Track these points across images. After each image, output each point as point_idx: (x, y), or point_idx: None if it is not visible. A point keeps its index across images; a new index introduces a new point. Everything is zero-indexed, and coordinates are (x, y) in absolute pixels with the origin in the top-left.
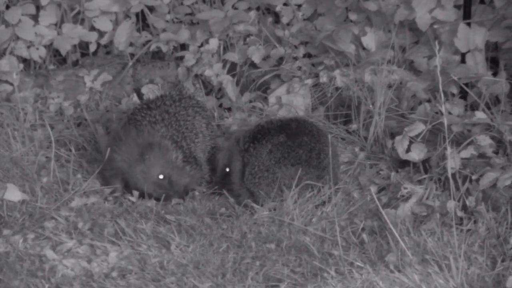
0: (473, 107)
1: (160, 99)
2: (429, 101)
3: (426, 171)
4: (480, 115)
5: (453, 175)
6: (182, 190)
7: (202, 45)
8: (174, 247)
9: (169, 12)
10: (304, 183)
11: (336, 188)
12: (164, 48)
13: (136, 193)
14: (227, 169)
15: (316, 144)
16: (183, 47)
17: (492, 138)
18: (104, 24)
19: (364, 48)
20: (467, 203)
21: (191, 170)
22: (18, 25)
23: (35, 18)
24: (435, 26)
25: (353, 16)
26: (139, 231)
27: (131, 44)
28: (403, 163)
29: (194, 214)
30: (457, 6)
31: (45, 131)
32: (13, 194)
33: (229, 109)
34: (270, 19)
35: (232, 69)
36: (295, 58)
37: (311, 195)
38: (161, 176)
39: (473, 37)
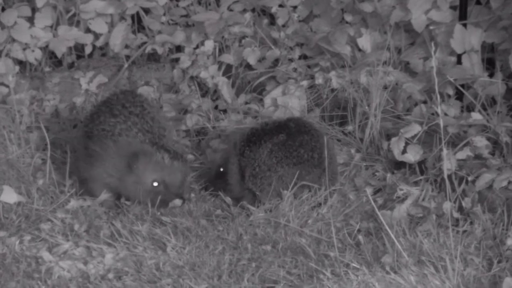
0: (469, 108)
1: (115, 102)
2: (425, 102)
3: (422, 173)
4: (476, 116)
5: (449, 176)
6: (179, 190)
7: (197, 47)
8: (170, 249)
9: (164, 14)
10: (300, 183)
11: (332, 189)
12: (160, 50)
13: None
14: (221, 169)
15: (316, 143)
16: (179, 49)
17: (488, 139)
18: (100, 26)
19: (359, 50)
20: (463, 204)
21: (179, 164)
22: (13, 27)
23: (30, 20)
24: (431, 27)
25: (348, 18)
26: (135, 233)
27: (126, 46)
28: (399, 165)
29: (190, 216)
30: (453, 7)
31: (41, 133)
32: (9, 196)
33: (225, 111)
34: (265, 20)
35: (227, 71)
36: (291, 60)
37: (307, 196)
38: (155, 184)
39: (469, 38)
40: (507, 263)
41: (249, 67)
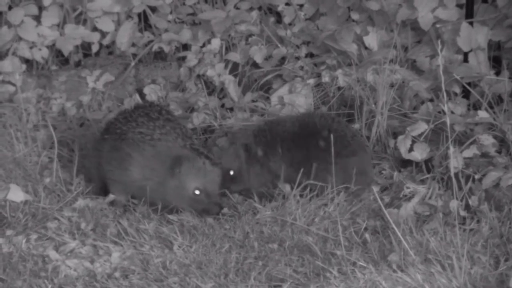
0: (476, 107)
1: (150, 109)
2: (431, 100)
3: (428, 171)
4: (482, 114)
5: (456, 174)
6: (218, 197)
7: (204, 45)
8: (177, 247)
9: (171, 12)
10: (305, 182)
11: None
12: (166, 49)
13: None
14: (231, 172)
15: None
16: (185, 47)
17: (495, 137)
18: (106, 24)
19: (366, 48)
20: (470, 202)
21: (219, 171)
22: (20, 26)
23: (37, 19)
24: (438, 25)
25: (355, 16)
26: (141, 231)
27: (133, 45)
28: (406, 163)
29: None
30: (459, 5)
31: (47, 131)
32: (16, 194)
33: (231, 109)
34: (272, 19)
35: (234, 69)
36: (297, 58)
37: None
38: (197, 192)
39: (476, 36)
40: None
41: (255, 65)
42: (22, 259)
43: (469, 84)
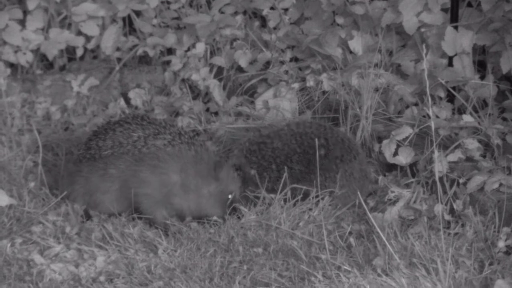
0: (461, 111)
1: (159, 127)
2: (416, 104)
3: (413, 175)
4: (467, 118)
5: (441, 178)
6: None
7: (189, 49)
8: (162, 252)
9: (155, 17)
10: (290, 186)
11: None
12: (151, 53)
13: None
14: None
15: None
16: (170, 51)
17: (480, 141)
18: (91, 28)
19: (351, 52)
20: (455, 206)
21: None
22: (5, 30)
23: (22, 23)
24: (422, 30)
25: (340, 20)
26: (126, 236)
27: (118, 49)
28: (391, 167)
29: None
30: (444, 10)
31: (32, 135)
32: (1, 198)
33: (216, 114)
34: (256, 23)
35: (219, 73)
36: (282, 62)
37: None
38: (230, 196)
39: (460, 41)
40: (498, 265)
41: (240, 69)
42: (7, 263)
43: (453, 88)
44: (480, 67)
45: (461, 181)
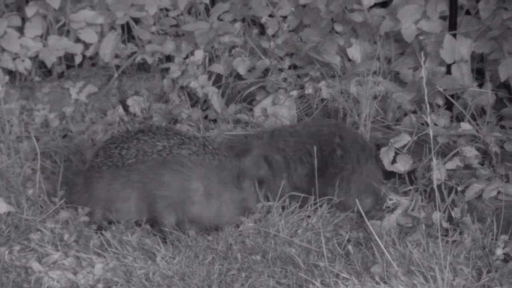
0: (459, 119)
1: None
2: (414, 112)
3: (411, 183)
4: (465, 126)
5: (439, 186)
6: None
7: (187, 56)
8: (160, 259)
9: (154, 24)
10: (288, 194)
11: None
12: (150, 60)
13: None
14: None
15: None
16: (169, 58)
17: (478, 149)
18: (90, 36)
19: (349, 60)
20: (453, 214)
21: None
22: (3, 37)
23: (20, 30)
24: (421, 37)
25: (338, 28)
26: (124, 243)
27: (116, 56)
28: (389, 175)
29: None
30: (442, 17)
31: (30, 143)
32: None
33: (215, 121)
34: (255, 30)
35: (217, 80)
36: (281, 70)
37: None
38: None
39: (459, 48)
40: (496, 273)
41: (239, 77)
42: (5, 270)
43: (452, 96)
44: (479, 75)
45: (459, 188)
